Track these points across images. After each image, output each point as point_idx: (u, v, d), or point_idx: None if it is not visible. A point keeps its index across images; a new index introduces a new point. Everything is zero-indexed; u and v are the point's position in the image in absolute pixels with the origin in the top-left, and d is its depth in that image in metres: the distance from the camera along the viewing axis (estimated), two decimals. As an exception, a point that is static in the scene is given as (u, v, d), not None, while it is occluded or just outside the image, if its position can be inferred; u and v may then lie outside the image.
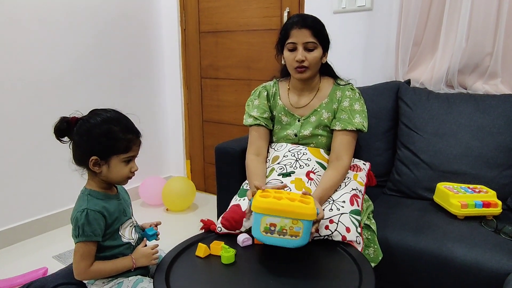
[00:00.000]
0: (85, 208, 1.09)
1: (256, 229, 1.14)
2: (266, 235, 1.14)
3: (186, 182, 2.81)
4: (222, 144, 1.91)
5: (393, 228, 1.48)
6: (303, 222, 1.12)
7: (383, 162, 1.91)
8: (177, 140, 3.26)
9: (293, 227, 1.12)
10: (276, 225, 1.12)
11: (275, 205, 1.11)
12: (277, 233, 1.13)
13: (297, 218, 1.11)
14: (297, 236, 1.13)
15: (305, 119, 1.60)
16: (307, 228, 1.13)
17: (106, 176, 1.15)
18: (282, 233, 1.13)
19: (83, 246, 1.09)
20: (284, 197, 1.16)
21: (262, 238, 1.15)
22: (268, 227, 1.13)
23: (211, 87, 3.01)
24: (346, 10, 2.24)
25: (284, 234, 1.13)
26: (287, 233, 1.13)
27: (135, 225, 1.25)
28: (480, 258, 1.30)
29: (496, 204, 1.50)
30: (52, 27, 2.42)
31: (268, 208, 1.11)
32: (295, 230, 1.12)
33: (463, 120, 1.71)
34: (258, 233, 1.14)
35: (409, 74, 2.06)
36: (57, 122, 1.12)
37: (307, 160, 1.49)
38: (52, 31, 2.42)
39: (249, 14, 2.69)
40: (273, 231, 1.13)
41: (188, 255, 1.22)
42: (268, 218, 1.12)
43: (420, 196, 1.74)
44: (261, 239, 1.15)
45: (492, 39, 1.83)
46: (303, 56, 1.47)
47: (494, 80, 1.87)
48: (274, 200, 1.13)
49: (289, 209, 1.11)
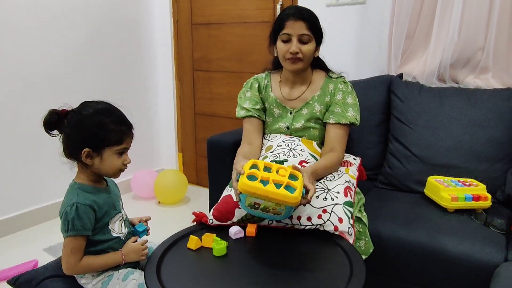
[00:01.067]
0: (75, 202, 1.08)
1: (242, 203, 1.21)
2: (251, 209, 1.20)
3: (178, 175, 2.80)
4: (214, 137, 1.91)
5: (384, 221, 1.49)
6: (285, 206, 1.16)
7: (375, 155, 1.92)
8: (169, 133, 3.25)
9: (276, 208, 1.18)
10: (260, 204, 1.18)
11: (259, 191, 1.13)
12: (260, 210, 1.20)
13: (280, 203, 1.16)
14: (279, 214, 1.20)
15: (297, 111, 1.60)
16: (289, 209, 1.18)
17: (98, 168, 1.13)
18: (266, 211, 1.19)
19: (73, 240, 1.08)
20: (271, 179, 1.16)
21: (247, 210, 1.22)
22: (253, 204, 1.18)
23: (204, 79, 2.99)
24: (340, 3, 2.23)
25: (267, 211, 1.19)
26: (270, 211, 1.19)
27: (125, 219, 1.24)
28: (469, 251, 1.31)
29: (486, 197, 1.51)
30: (43, 19, 2.39)
31: (252, 192, 1.14)
32: (278, 211, 1.18)
33: (454, 114, 1.72)
34: (244, 206, 1.22)
35: (401, 68, 2.07)
36: (47, 115, 1.11)
37: (300, 151, 1.49)
38: (43, 22, 2.39)
39: (242, 6, 2.67)
40: (257, 208, 1.19)
41: (179, 248, 1.22)
42: (252, 198, 1.17)
43: (411, 189, 1.75)
44: (246, 210, 1.23)
45: (484, 34, 1.84)
46: (297, 48, 1.47)
47: (485, 75, 1.88)
48: (258, 185, 1.14)
49: (272, 196, 1.13)
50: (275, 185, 1.15)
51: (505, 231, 1.39)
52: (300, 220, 1.29)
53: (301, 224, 1.29)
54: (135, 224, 1.28)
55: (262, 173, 1.18)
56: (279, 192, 1.13)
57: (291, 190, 1.15)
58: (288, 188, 1.15)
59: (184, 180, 2.81)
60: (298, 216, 1.29)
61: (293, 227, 1.31)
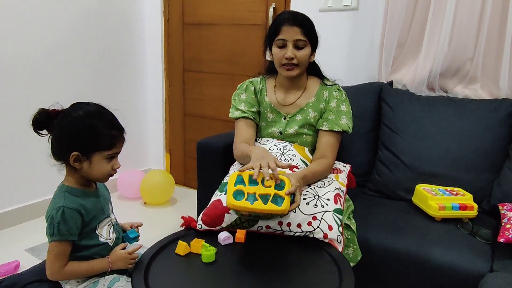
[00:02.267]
0: (62, 206, 1.05)
1: (234, 212, 1.25)
2: (243, 215, 1.24)
3: (166, 175, 2.77)
4: (204, 140, 1.89)
5: (372, 229, 1.50)
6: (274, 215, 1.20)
7: (364, 162, 1.93)
8: (157, 133, 3.21)
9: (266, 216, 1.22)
10: (251, 214, 1.20)
11: (248, 209, 1.16)
12: (252, 217, 1.25)
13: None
14: (272, 217, 1.26)
15: (291, 117, 1.60)
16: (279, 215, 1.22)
17: (87, 172, 1.11)
18: (258, 217, 1.25)
19: (58, 245, 1.05)
20: (257, 193, 1.18)
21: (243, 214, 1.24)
22: (244, 213, 1.21)
23: (194, 80, 2.97)
24: (332, 8, 2.24)
25: (260, 217, 1.26)
26: (261, 217, 1.25)
27: (114, 223, 1.21)
28: (456, 260, 1.33)
29: (472, 207, 1.54)
30: (28, 14, 2.33)
31: (240, 209, 1.17)
32: (269, 216, 1.24)
33: (443, 124, 1.74)
34: (238, 214, 1.26)
35: (392, 76, 2.08)
36: (36, 114, 1.07)
37: (292, 156, 1.49)
38: (28, 17, 2.33)
39: (234, 8, 2.66)
40: (249, 215, 1.22)
41: (167, 253, 1.20)
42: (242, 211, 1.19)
43: (399, 197, 1.76)
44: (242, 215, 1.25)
45: (474, 45, 1.86)
46: (293, 53, 1.47)
47: (474, 85, 1.91)
48: (246, 204, 1.16)
49: (260, 211, 1.16)
50: (262, 199, 1.17)
51: (490, 241, 1.41)
52: (290, 226, 1.29)
53: (291, 230, 1.29)
54: (126, 229, 1.26)
55: (248, 188, 1.20)
56: (267, 208, 1.16)
57: (279, 201, 1.18)
58: (275, 200, 1.18)
59: (171, 181, 2.78)
60: (288, 223, 1.29)
61: (282, 234, 1.31)
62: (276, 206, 1.16)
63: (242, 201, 1.16)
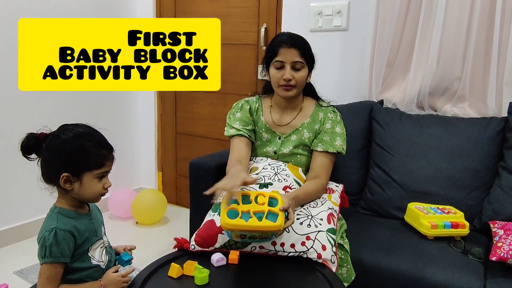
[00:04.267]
0: (54, 227, 1.05)
1: (228, 235, 1.21)
2: (239, 239, 1.22)
3: (158, 194, 2.76)
4: (197, 160, 1.89)
5: (366, 248, 1.50)
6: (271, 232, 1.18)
7: (356, 181, 1.94)
8: (149, 151, 3.20)
9: (262, 235, 1.20)
10: (246, 235, 1.19)
11: (243, 227, 1.15)
12: (248, 238, 1.21)
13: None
14: (267, 238, 1.22)
15: (286, 137, 1.61)
16: (275, 233, 1.20)
17: (78, 193, 1.10)
18: (253, 238, 1.21)
19: (50, 267, 1.04)
20: (251, 211, 1.18)
21: (236, 240, 1.23)
22: (239, 235, 1.19)
23: (186, 99, 2.98)
24: (322, 29, 2.28)
25: (255, 238, 1.21)
26: (257, 237, 1.21)
27: (107, 245, 1.20)
28: (449, 279, 1.33)
29: (464, 225, 1.55)
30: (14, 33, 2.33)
31: (235, 228, 1.16)
32: (264, 236, 1.20)
33: (433, 142, 1.76)
34: (230, 237, 1.22)
35: (382, 95, 2.12)
36: (24, 138, 1.07)
37: (285, 176, 1.49)
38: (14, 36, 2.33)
39: (226, 28, 2.69)
40: (244, 237, 1.21)
41: (160, 276, 1.19)
42: (238, 231, 1.18)
43: (391, 215, 1.77)
44: (235, 240, 1.24)
45: (461, 65, 1.90)
46: (291, 75, 1.49)
47: (462, 104, 1.94)
48: (241, 222, 1.15)
49: (256, 229, 1.15)
50: (256, 217, 1.17)
51: (482, 259, 1.42)
52: (284, 246, 1.28)
53: (284, 251, 1.29)
54: (119, 252, 1.24)
55: (241, 207, 1.20)
56: (262, 224, 1.15)
57: (273, 218, 1.18)
58: (270, 216, 1.18)
59: (163, 200, 2.76)
60: (281, 243, 1.29)
61: (276, 254, 1.30)
62: (271, 222, 1.16)
63: (236, 220, 1.15)
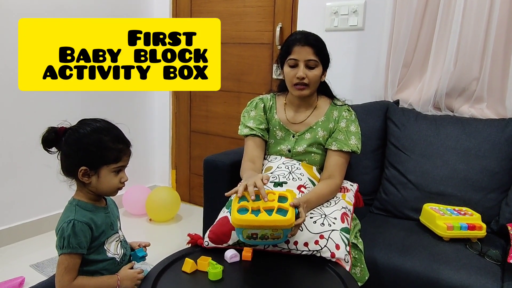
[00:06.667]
0: (72, 219, 1.07)
1: (239, 235, 1.21)
2: (250, 240, 1.20)
3: (171, 192, 2.78)
4: (211, 157, 1.90)
5: (380, 248, 1.49)
6: (282, 229, 1.17)
7: (370, 181, 1.92)
8: (163, 149, 3.23)
9: (274, 234, 1.18)
10: (257, 234, 1.18)
11: (253, 222, 1.15)
12: (259, 239, 1.20)
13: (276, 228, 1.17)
14: (278, 238, 1.20)
15: (300, 135, 1.60)
16: (287, 231, 1.19)
17: (96, 187, 1.12)
18: (264, 238, 1.20)
19: (68, 258, 1.06)
20: (261, 207, 1.18)
21: (247, 241, 1.22)
22: (250, 235, 1.19)
23: (201, 97, 2.99)
24: (338, 28, 2.27)
25: (266, 239, 1.20)
26: (269, 238, 1.20)
27: (122, 240, 1.22)
28: (465, 281, 1.31)
29: (481, 227, 1.52)
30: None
31: (246, 225, 1.16)
32: (276, 235, 1.19)
33: (450, 143, 1.74)
34: (243, 239, 1.21)
35: (398, 95, 2.10)
36: (45, 132, 1.10)
37: (300, 175, 1.49)
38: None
39: (241, 28, 2.70)
40: (255, 238, 1.19)
41: (174, 270, 1.20)
42: (249, 230, 1.17)
43: (406, 216, 1.75)
44: (246, 242, 1.22)
45: (479, 65, 1.88)
46: (304, 73, 1.48)
47: (480, 105, 1.91)
48: (251, 217, 1.15)
49: (267, 224, 1.15)
50: (266, 212, 1.17)
51: (500, 262, 1.39)
52: (297, 245, 1.28)
53: (298, 249, 1.28)
54: (134, 248, 1.26)
55: (251, 204, 1.20)
56: (272, 218, 1.15)
57: (283, 213, 1.18)
58: (280, 212, 1.18)
59: (177, 198, 2.78)
60: (295, 241, 1.28)
61: (289, 252, 1.30)
62: (281, 216, 1.15)
63: (246, 215, 1.16)
